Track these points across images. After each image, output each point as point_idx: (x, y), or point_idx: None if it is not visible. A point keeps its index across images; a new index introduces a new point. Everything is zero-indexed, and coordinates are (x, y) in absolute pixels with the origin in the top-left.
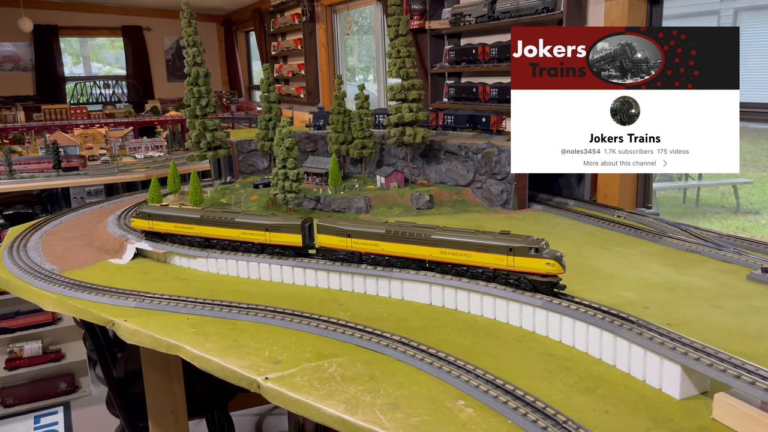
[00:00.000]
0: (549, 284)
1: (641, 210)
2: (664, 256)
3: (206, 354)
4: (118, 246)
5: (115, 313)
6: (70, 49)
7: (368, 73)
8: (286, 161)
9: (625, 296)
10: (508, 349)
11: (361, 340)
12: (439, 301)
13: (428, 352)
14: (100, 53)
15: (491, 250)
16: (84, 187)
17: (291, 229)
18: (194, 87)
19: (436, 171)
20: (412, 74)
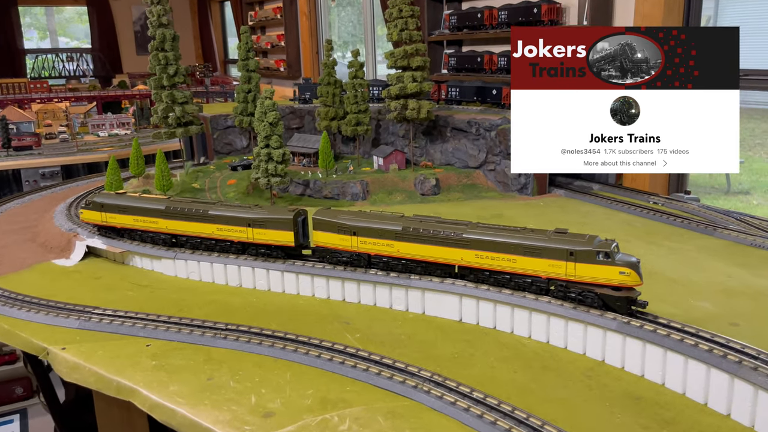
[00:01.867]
0: (624, 300)
1: (679, 195)
2: (725, 252)
3: (170, 401)
4: (65, 243)
5: (52, 338)
6: (36, 23)
7: (347, 49)
8: (270, 139)
9: (701, 308)
10: (577, 388)
11: (380, 377)
12: (471, 318)
13: (473, 397)
14: (68, 27)
15: (544, 253)
16: (38, 169)
17: (280, 225)
18: (160, 52)
19: (441, 151)
20: (416, 37)
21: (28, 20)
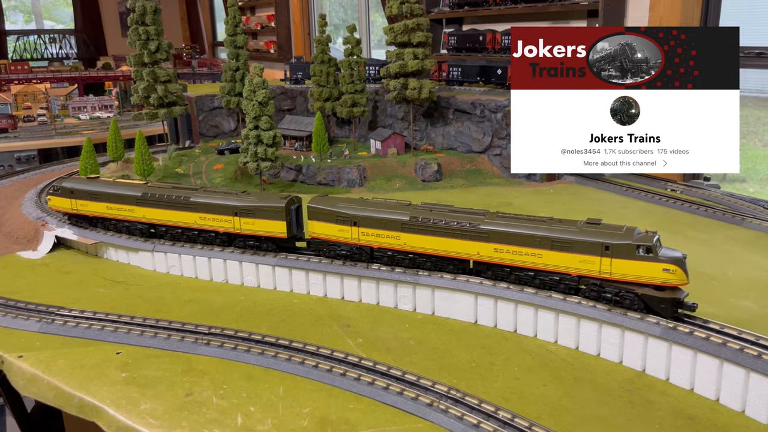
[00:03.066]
0: (669, 302)
1: (698, 182)
2: (759, 244)
3: (140, 424)
4: (32, 233)
5: (8, 343)
6: (21, 6)
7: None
8: (259, 120)
9: (744, 307)
10: (617, 405)
11: (389, 393)
12: (488, 320)
13: (499, 419)
14: (53, 11)
15: (576, 247)
16: (13, 153)
17: (271, 213)
18: (140, 26)
19: (443, 134)
20: (417, 11)
21: (13, 3)
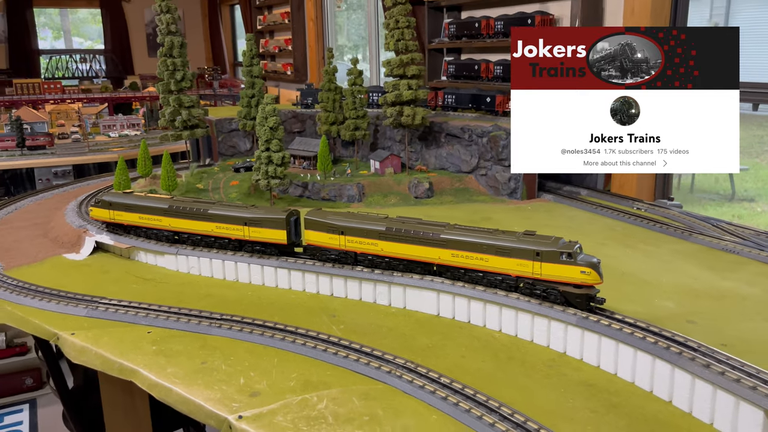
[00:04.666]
0: (584, 297)
1: (663, 202)
2: (698, 256)
3: (167, 381)
4: (75, 239)
5: (62, 324)
6: (50, 23)
7: (357, 51)
8: (270, 143)
9: (665, 306)
10: (538, 377)
11: (358, 364)
12: (448, 313)
13: (440, 382)
14: (82, 28)
15: (514, 253)
16: (50, 168)
17: (273, 224)
18: (168, 59)
19: (436, 156)
20: (412, 47)
21: (42, 20)
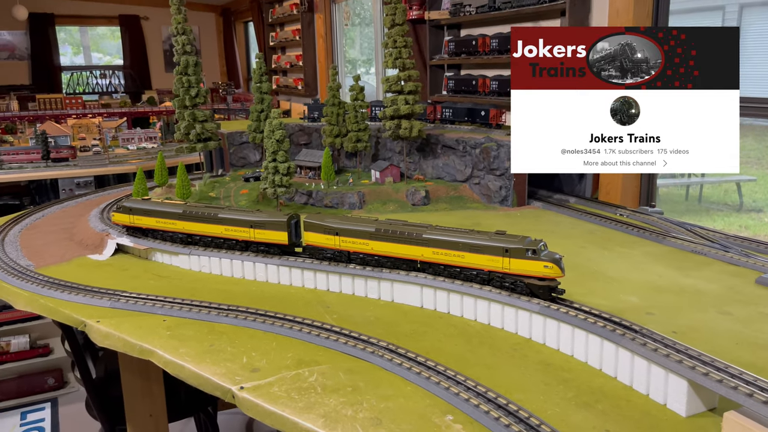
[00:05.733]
0: (547, 288)
1: (644, 208)
2: (668, 257)
3: (179, 360)
4: (98, 241)
5: (88, 314)
6: (70, 39)
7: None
8: (277, 154)
9: (628, 301)
10: (503, 358)
11: (346, 346)
12: (430, 304)
13: (416, 360)
14: (101, 43)
15: (485, 251)
16: (73, 179)
17: (276, 226)
18: (183, 76)
19: (432, 166)
20: (409, 65)
21: (63, 36)
